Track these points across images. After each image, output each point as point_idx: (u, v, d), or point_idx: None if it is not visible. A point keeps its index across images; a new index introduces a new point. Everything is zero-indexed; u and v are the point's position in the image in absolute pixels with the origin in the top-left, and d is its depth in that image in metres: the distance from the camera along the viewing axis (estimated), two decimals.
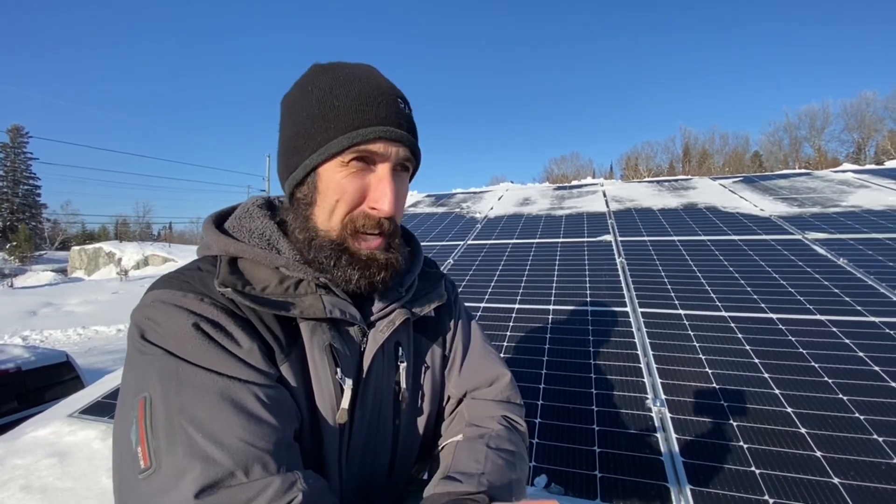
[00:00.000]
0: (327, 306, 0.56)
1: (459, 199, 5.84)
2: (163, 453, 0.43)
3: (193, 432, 0.43)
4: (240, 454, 0.43)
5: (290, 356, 0.54)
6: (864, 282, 2.37)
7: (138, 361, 0.48)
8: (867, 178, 4.54)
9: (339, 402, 0.55)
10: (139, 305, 0.52)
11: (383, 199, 0.56)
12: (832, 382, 1.64)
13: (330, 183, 0.56)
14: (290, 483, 0.44)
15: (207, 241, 0.60)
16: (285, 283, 0.57)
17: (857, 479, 1.26)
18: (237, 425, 0.45)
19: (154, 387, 0.46)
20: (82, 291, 16.12)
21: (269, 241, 0.59)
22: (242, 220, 0.62)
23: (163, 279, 0.55)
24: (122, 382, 0.49)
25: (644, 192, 5.05)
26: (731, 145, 37.57)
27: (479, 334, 0.79)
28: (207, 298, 0.51)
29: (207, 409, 0.45)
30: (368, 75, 0.58)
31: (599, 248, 3.33)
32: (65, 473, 1.61)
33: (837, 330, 1.96)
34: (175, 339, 0.48)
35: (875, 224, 3.20)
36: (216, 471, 0.42)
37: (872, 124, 29.27)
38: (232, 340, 0.50)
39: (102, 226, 52.48)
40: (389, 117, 0.56)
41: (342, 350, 0.57)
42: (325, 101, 0.56)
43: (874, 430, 1.41)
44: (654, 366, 1.85)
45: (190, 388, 0.46)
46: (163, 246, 29.07)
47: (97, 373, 5.12)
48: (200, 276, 0.55)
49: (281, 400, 0.50)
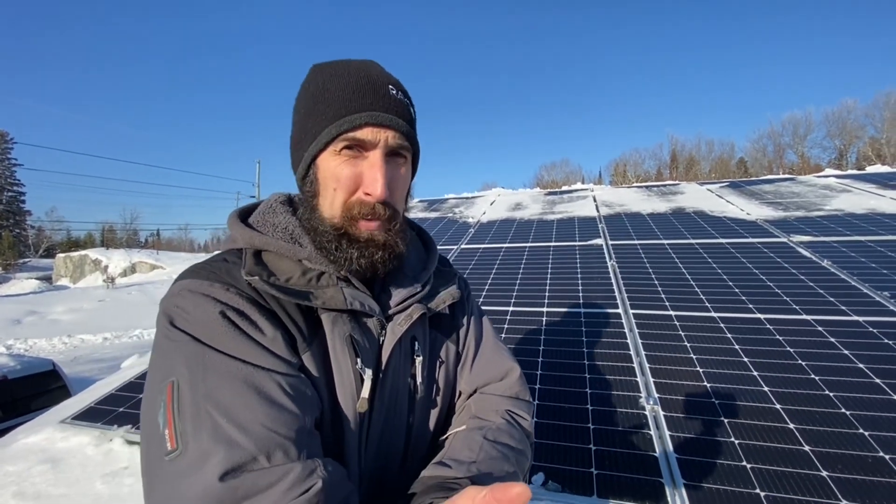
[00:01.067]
0: (348, 298, 0.58)
1: (452, 204, 5.86)
2: (189, 436, 0.44)
3: (219, 417, 0.45)
4: (262, 440, 0.44)
5: (311, 346, 0.55)
6: (847, 282, 2.44)
7: (166, 347, 0.50)
8: (849, 183, 4.66)
9: (360, 392, 0.57)
10: (168, 294, 0.54)
11: (374, 184, 0.56)
12: (819, 379, 1.69)
13: (326, 172, 0.58)
14: (311, 470, 0.45)
15: (233, 234, 0.62)
16: (308, 275, 0.59)
17: (845, 471, 1.30)
18: (260, 412, 0.46)
19: (181, 372, 0.47)
20: (68, 299, 15.82)
21: (292, 235, 0.61)
22: (266, 215, 0.64)
23: (190, 269, 0.56)
24: (150, 367, 0.51)
25: (633, 197, 5.12)
26: (716, 152, 38.29)
27: (490, 331, 0.81)
28: (233, 288, 0.53)
29: (232, 395, 0.46)
30: (361, 67, 0.60)
31: (591, 251, 3.37)
32: (58, 480, 1.59)
33: (823, 329, 2.02)
34: (202, 327, 0.50)
35: (857, 227, 3.30)
36: (240, 455, 0.43)
37: (853, 131, 30.03)
38: (257, 329, 0.52)
39: (88, 233, 51.58)
40: (376, 103, 0.57)
41: (362, 341, 0.58)
42: (318, 96, 0.58)
43: (860, 425, 1.46)
44: (647, 365, 1.88)
45: (216, 375, 0.47)
46: (150, 253, 28.65)
47: (84, 381, 5.03)
48: (227, 267, 0.57)
49: (303, 389, 0.52)
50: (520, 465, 0.66)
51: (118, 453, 1.72)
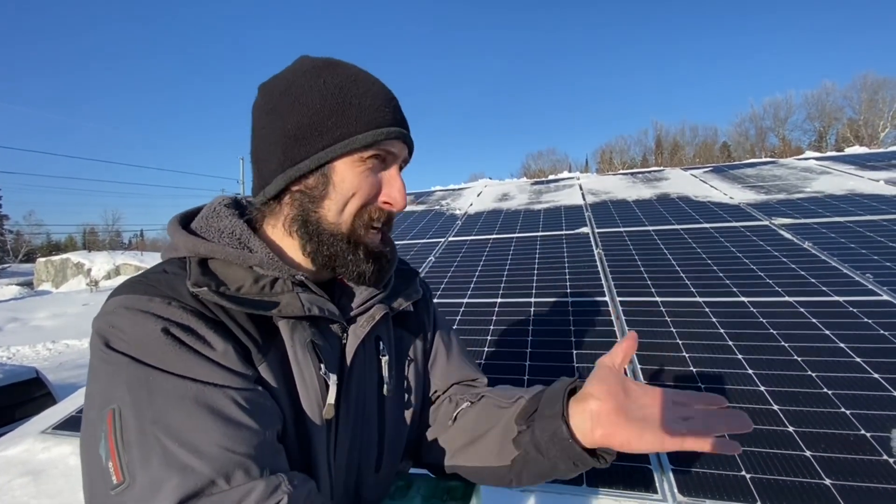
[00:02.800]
0: (305, 304, 0.55)
1: (438, 196, 5.84)
2: (136, 466, 0.41)
3: (169, 442, 0.42)
4: (219, 461, 0.42)
5: (267, 356, 0.52)
6: (828, 263, 2.48)
7: (103, 372, 0.46)
8: (829, 165, 4.74)
9: (325, 398, 0.55)
10: (101, 313, 0.49)
11: (400, 196, 0.59)
12: (801, 360, 1.71)
13: (346, 177, 0.56)
14: (275, 486, 0.43)
15: (174, 242, 0.58)
16: (260, 283, 0.55)
17: (828, 451, 1.32)
18: (215, 431, 0.43)
19: (123, 397, 0.43)
20: (50, 304, 15.49)
21: (240, 239, 0.57)
22: (210, 220, 0.59)
23: (126, 284, 0.52)
24: (87, 395, 0.47)
25: (619, 184, 5.15)
26: (700, 137, 38.67)
27: (457, 339, 0.82)
28: (176, 302, 0.49)
29: (182, 417, 0.43)
30: (370, 76, 0.61)
31: (577, 240, 3.38)
32: (40, 492, 1.55)
33: (805, 311, 2.05)
34: (143, 346, 0.46)
35: (837, 208, 3.35)
36: (195, 480, 0.40)
37: (832, 113, 30.52)
38: (205, 344, 0.48)
39: (69, 236, 50.42)
40: (399, 119, 0.60)
41: (324, 346, 0.56)
42: (342, 96, 0.56)
43: (842, 404, 1.48)
44: (634, 352, 1.89)
45: (162, 397, 0.44)
46: (135, 254, 28.08)
47: (69, 388, 4.93)
48: (167, 279, 0.52)
49: (260, 402, 0.49)
50: None
51: None
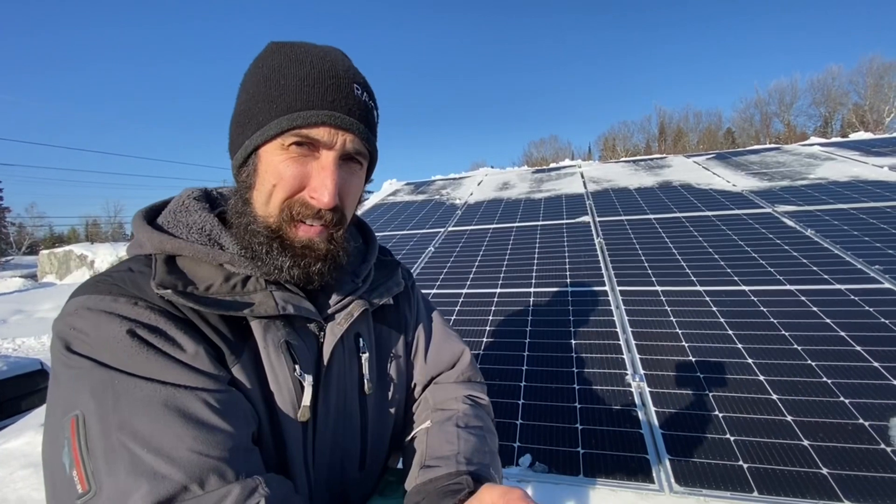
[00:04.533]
0: (279, 303, 0.53)
1: (439, 185, 5.80)
2: (102, 475, 0.39)
3: (137, 448, 0.40)
4: (192, 466, 0.40)
5: (241, 357, 0.51)
6: (830, 251, 2.45)
7: (65, 377, 0.43)
8: (833, 151, 4.67)
9: (301, 400, 0.53)
10: (61, 314, 0.46)
11: (322, 189, 0.51)
12: (801, 349, 1.70)
13: (268, 166, 0.52)
14: (251, 489, 0.42)
15: (139, 238, 0.55)
16: (231, 281, 0.53)
17: (826, 440, 1.31)
18: (187, 435, 0.41)
19: (86, 403, 0.41)
20: (55, 296, 15.55)
21: (210, 235, 0.55)
22: (178, 215, 0.56)
23: (88, 283, 0.49)
24: (49, 401, 0.44)
25: (621, 172, 5.09)
26: (704, 123, 38.19)
27: (438, 319, 0.79)
28: (142, 302, 0.47)
29: (151, 421, 0.41)
30: (325, 56, 0.54)
31: (578, 229, 3.36)
32: (40, 484, 1.56)
33: (806, 299, 2.03)
34: (107, 349, 0.44)
35: (840, 195, 3.31)
36: (167, 487, 0.39)
37: (838, 98, 30.03)
38: (174, 345, 0.46)
39: (72, 227, 50.47)
40: (338, 102, 0.52)
41: (299, 346, 0.54)
42: (272, 80, 0.52)
43: (841, 393, 1.47)
44: (633, 342, 1.89)
45: (128, 401, 0.42)
46: None
47: None
48: (132, 277, 0.50)
49: (234, 403, 0.47)
50: (493, 443, 0.66)
51: None
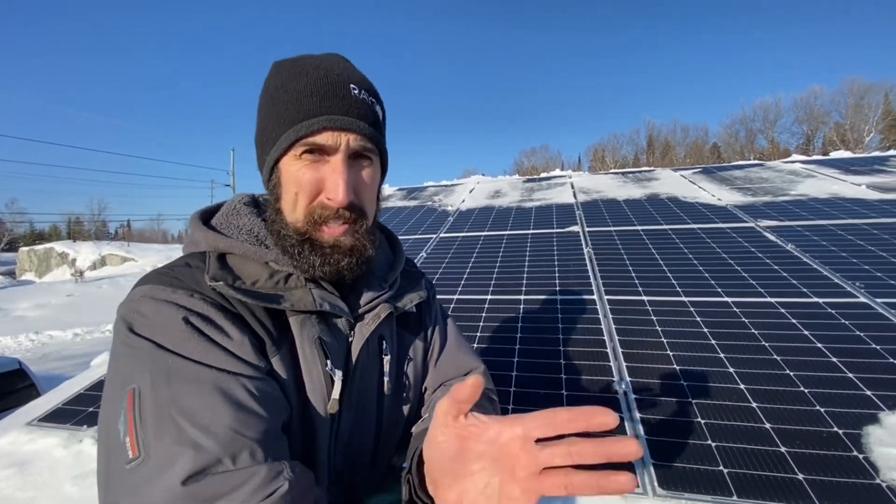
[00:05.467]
0: (317, 299, 0.58)
1: (431, 192, 5.84)
2: (151, 442, 0.43)
3: (183, 422, 0.44)
4: (228, 442, 0.44)
5: (280, 349, 0.55)
6: (809, 265, 2.54)
7: (126, 354, 0.49)
8: (814, 168, 4.83)
9: (330, 393, 0.57)
10: (126, 300, 0.52)
11: (336, 190, 0.55)
12: (780, 360, 1.77)
13: (288, 176, 0.57)
14: (277, 472, 0.45)
15: (195, 237, 0.61)
16: (275, 278, 0.58)
17: (802, 447, 1.37)
18: (226, 414, 0.45)
19: (143, 378, 0.46)
20: (33, 295, 15.21)
21: (258, 237, 0.60)
22: (230, 217, 0.63)
23: (151, 275, 0.55)
24: (108, 375, 0.50)
25: (610, 183, 5.19)
26: (691, 137, 39.05)
27: (454, 330, 0.82)
28: (197, 294, 0.52)
29: (197, 399, 0.46)
30: (321, 65, 0.57)
31: (568, 238, 3.42)
32: (26, 483, 1.54)
33: (786, 311, 2.10)
34: (165, 333, 0.49)
35: (820, 211, 3.43)
36: (204, 458, 0.43)
37: (820, 117, 30.99)
38: (223, 334, 0.51)
39: (53, 225, 49.51)
40: (334, 106, 0.55)
41: (331, 342, 0.58)
42: (276, 97, 0.57)
43: (817, 402, 1.53)
44: (620, 350, 1.93)
45: (179, 380, 0.46)
46: (121, 245, 27.62)
47: (53, 380, 4.86)
48: (190, 272, 0.55)
49: (270, 392, 0.51)
50: None
51: (89, 454, 1.67)
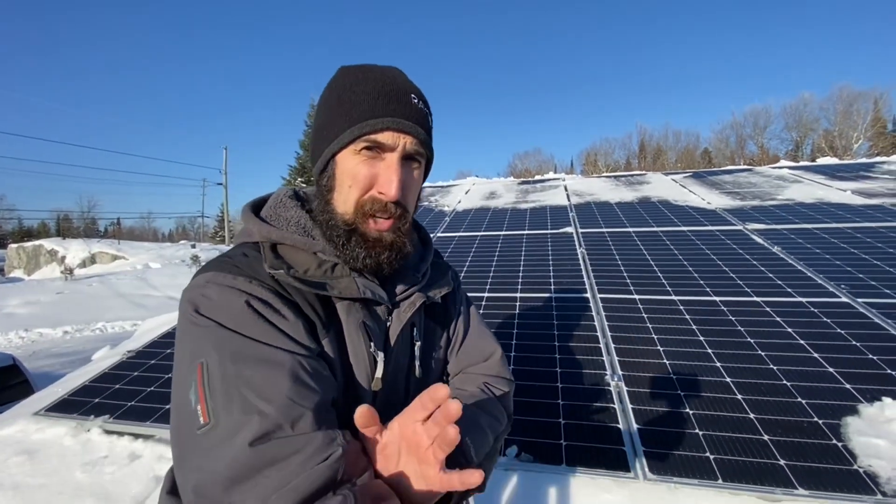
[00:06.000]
0: (361, 287, 0.63)
1: (427, 192, 5.90)
2: (220, 410, 0.48)
3: (247, 392, 0.49)
4: (288, 410, 0.49)
5: (329, 333, 0.60)
6: (794, 267, 2.64)
7: (193, 332, 0.54)
8: (801, 174, 4.96)
9: (374, 373, 0.63)
10: (191, 285, 0.57)
11: (390, 185, 0.60)
12: (765, 355, 1.85)
13: (344, 169, 0.62)
14: (331, 439, 0.50)
15: (249, 228, 0.66)
16: (323, 267, 0.63)
17: (784, 435, 1.45)
18: (285, 387, 0.50)
19: (210, 354, 0.51)
20: (23, 292, 15.00)
21: (305, 228, 0.65)
22: (278, 210, 0.68)
23: (213, 263, 0.60)
24: (178, 351, 0.55)
25: (603, 186, 5.29)
26: (683, 142, 39.44)
27: (476, 317, 0.88)
28: (256, 280, 0.57)
29: (258, 374, 0.50)
30: (387, 73, 0.64)
31: (562, 239, 3.50)
32: (36, 470, 1.58)
33: (771, 310, 2.19)
34: (228, 314, 0.54)
35: (805, 215, 3.54)
36: (267, 423, 0.47)
37: (809, 124, 31.45)
38: (280, 317, 0.56)
39: (42, 222, 48.77)
40: (398, 110, 0.61)
41: (373, 327, 0.64)
42: (343, 97, 0.62)
43: (798, 394, 1.62)
44: (612, 345, 2.01)
45: (242, 356, 0.51)
46: (111, 242, 27.28)
47: (46, 377, 4.83)
48: (247, 261, 0.61)
49: (321, 370, 0.56)
50: (491, 427, 0.71)
51: (97, 443, 1.72)
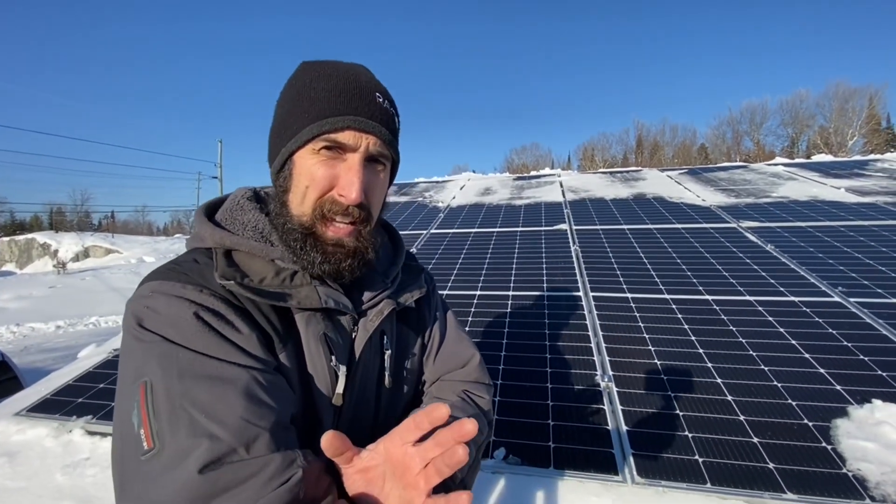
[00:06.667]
0: (322, 297, 0.59)
1: (422, 188, 5.86)
2: (166, 434, 0.44)
3: (196, 413, 0.45)
4: (241, 432, 0.45)
5: (287, 345, 0.56)
6: (787, 266, 2.63)
7: (136, 348, 0.49)
8: (796, 171, 4.95)
9: (335, 388, 0.59)
10: (136, 296, 0.53)
11: (350, 187, 0.56)
12: (756, 355, 1.84)
13: (302, 169, 0.58)
14: (290, 460, 0.46)
15: (201, 232, 0.61)
16: (281, 275, 0.59)
17: (773, 437, 1.44)
18: (238, 406, 0.46)
19: (154, 372, 0.47)
20: (14, 286, 14.88)
21: (262, 233, 0.61)
22: (235, 213, 0.63)
23: (160, 271, 0.55)
24: (121, 369, 0.50)
25: (598, 182, 5.27)
26: (680, 137, 39.46)
27: (453, 322, 0.84)
28: (206, 290, 0.53)
29: (208, 392, 0.46)
30: (350, 70, 0.60)
31: (556, 236, 3.48)
32: (16, 473, 1.55)
33: (763, 309, 2.18)
34: (175, 328, 0.50)
35: (799, 213, 3.53)
36: (219, 447, 0.43)
37: (805, 120, 31.52)
38: (232, 329, 0.52)
39: (35, 215, 48.23)
40: (361, 108, 0.57)
41: (335, 338, 0.60)
42: (303, 94, 0.58)
43: (789, 396, 1.61)
44: (604, 345, 1.99)
45: (190, 373, 0.47)
46: (105, 236, 27.10)
47: (36, 372, 4.79)
48: (198, 268, 0.56)
49: (279, 385, 0.52)
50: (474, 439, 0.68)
51: (78, 444, 1.69)
